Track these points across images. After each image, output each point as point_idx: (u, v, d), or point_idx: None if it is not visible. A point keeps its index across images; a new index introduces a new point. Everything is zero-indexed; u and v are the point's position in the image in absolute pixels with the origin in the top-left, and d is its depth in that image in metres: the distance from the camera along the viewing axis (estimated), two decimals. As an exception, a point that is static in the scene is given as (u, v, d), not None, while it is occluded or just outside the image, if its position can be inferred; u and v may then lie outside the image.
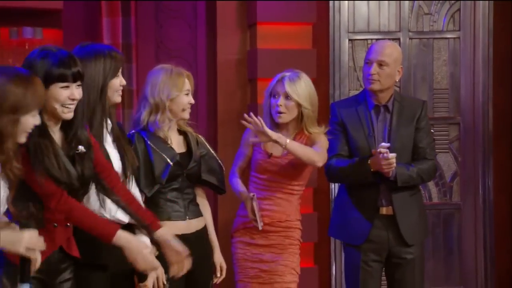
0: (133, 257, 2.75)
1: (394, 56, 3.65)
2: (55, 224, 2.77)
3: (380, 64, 3.63)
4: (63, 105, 2.73)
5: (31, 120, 2.55)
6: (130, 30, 5.04)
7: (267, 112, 3.63)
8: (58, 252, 2.82)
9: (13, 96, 2.49)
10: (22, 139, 2.57)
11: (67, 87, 2.72)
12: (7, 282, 2.71)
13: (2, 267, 2.67)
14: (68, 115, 2.75)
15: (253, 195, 3.51)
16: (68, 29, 4.90)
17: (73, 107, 2.75)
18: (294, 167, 3.60)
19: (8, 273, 2.69)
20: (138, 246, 2.76)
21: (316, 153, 3.49)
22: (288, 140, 3.46)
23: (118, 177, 2.96)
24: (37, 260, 2.55)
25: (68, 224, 2.82)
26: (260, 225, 3.52)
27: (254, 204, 3.50)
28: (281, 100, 3.57)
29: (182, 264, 2.90)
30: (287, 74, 3.62)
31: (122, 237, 2.75)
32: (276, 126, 3.60)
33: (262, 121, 3.41)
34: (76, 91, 2.75)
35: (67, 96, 2.73)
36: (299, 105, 3.57)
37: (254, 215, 3.51)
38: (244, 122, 3.46)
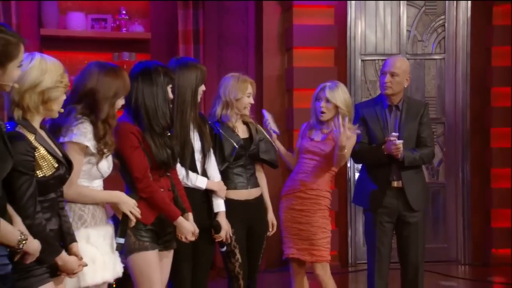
0: (180, 233, 2.79)
1: (403, 68, 3.58)
2: (162, 189, 2.74)
3: (392, 74, 3.55)
4: None
5: (120, 102, 2.50)
6: (199, 54, 5.06)
7: (313, 112, 3.56)
8: None
9: (114, 85, 2.44)
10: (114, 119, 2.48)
11: None
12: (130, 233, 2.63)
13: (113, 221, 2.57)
14: None
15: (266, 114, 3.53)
16: (155, 53, 4.93)
17: None
18: (328, 151, 3.53)
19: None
20: (188, 228, 2.78)
21: (342, 162, 3.45)
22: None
23: None
24: (133, 222, 2.52)
25: (170, 188, 2.80)
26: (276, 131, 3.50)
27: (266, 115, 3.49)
28: (323, 103, 3.50)
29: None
30: (328, 84, 3.54)
31: (181, 220, 2.76)
32: (320, 122, 3.54)
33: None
34: None
35: None
36: (336, 107, 3.49)
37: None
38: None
